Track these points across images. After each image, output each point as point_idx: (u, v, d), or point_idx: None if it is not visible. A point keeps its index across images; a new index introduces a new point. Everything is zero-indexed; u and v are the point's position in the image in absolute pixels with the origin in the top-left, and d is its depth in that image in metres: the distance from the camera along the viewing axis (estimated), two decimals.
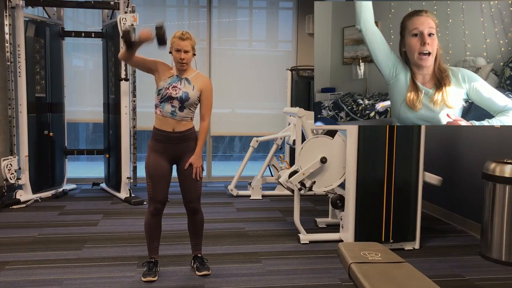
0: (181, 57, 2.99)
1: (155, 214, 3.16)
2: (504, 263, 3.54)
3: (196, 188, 3.16)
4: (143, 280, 3.14)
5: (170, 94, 3.01)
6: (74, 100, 6.33)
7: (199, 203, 3.22)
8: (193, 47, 3.05)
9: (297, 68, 6.45)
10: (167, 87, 3.02)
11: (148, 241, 3.24)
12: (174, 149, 3.08)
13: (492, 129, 4.04)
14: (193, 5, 6.82)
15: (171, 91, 3.02)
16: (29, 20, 5.31)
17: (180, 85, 3.04)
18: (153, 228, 3.20)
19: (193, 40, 3.05)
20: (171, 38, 3.02)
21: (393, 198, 3.76)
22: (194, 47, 3.07)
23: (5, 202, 5.05)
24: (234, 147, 9.83)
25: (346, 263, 2.29)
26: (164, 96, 3.02)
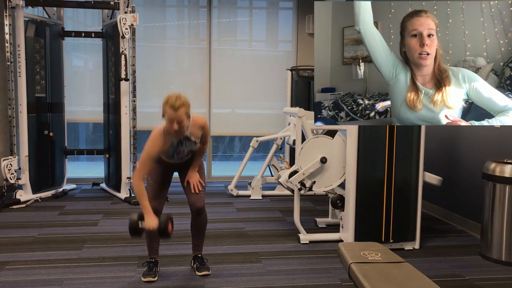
0: (175, 129, 2.79)
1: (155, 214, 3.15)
2: (504, 263, 3.54)
3: (199, 198, 3.20)
4: (143, 280, 3.14)
5: (177, 157, 3.07)
6: (74, 100, 6.33)
7: (204, 204, 3.23)
8: (188, 113, 2.83)
9: (297, 68, 6.45)
10: (172, 156, 3.04)
11: (148, 241, 3.24)
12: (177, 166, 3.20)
13: (492, 129, 4.04)
14: (193, 5, 6.81)
15: (176, 156, 3.06)
16: (29, 20, 5.31)
17: (182, 147, 3.03)
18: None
19: (187, 105, 2.80)
20: (163, 102, 2.80)
21: (393, 198, 3.76)
22: (189, 111, 2.84)
23: (5, 202, 5.05)
24: (234, 147, 9.83)
25: (346, 263, 2.29)
26: (170, 162, 3.11)
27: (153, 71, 6.58)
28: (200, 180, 3.17)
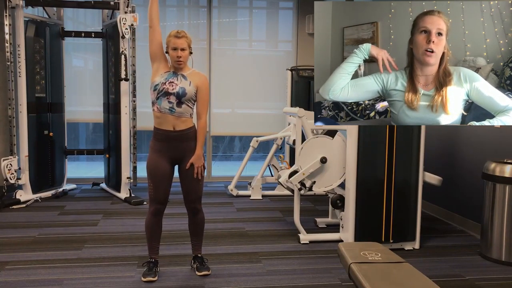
0: (178, 55, 2.98)
1: (156, 215, 3.15)
2: (504, 263, 3.54)
3: (197, 189, 3.16)
4: (143, 280, 3.14)
5: (167, 89, 2.99)
6: (74, 100, 6.33)
7: (200, 203, 3.22)
8: (190, 45, 3.04)
9: (297, 68, 6.45)
10: (164, 82, 3.01)
11: (149, 241, 3.23)
12: (175, 148, 3.07)
13: (492, 129, 4.04)
14: (193, 5, 6.81)
15: (168, 86, 3.00)
16: (29, 20, 5.31)
17: (176, 80, 3.02)
18: (153, 229, 3.19)
19: (189, 38, 3.04)
20: (166, 38, 3.03)
21: (393, 198, 3.76)
22: (191, 45, 3.06)
23: (5, 202, 5.05)
24: (234, 147, 9.83)
25: (346, 263, 2.29)
26: (161, 92, 3.00)
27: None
28: (204, 166, 3.12)
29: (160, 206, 3.14)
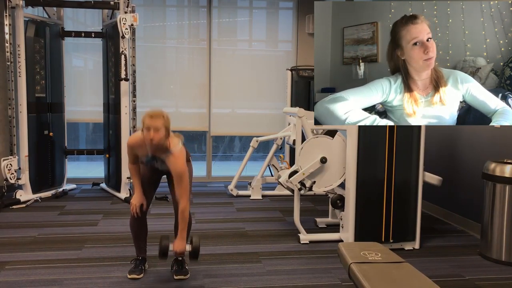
0: (150, 137, 2.76)
1: (138, 216, 3.15)
2: (504, 263, 3.54)
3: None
4: (128, 277, 3.17)
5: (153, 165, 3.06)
6: (74, 100, 6.33)
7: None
8: (167, 127, 2.81)
9: (297, 68, 6.45)
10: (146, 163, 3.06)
11: (135, 241, 3.26)
12: (160, 167, 3.11)
13: (492, 129, 4.04)
14: (193, 5, 6.81)
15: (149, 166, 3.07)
16: (29, 20, 5.31)
17: (156, 164, 3.03)
18: (138, 229, 3.22)
19: (166, 119, 2.81)
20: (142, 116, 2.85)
21: (393, 198, 3.76)
22: (168, 127, 2.83)
23: (5, 202, 5.05)
24: (234, 147, 9.83)
25: (346, 263, 2.29)
26: (147, 163, 3.08)
27: (153, 71, 6.59)
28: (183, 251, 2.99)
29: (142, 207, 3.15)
